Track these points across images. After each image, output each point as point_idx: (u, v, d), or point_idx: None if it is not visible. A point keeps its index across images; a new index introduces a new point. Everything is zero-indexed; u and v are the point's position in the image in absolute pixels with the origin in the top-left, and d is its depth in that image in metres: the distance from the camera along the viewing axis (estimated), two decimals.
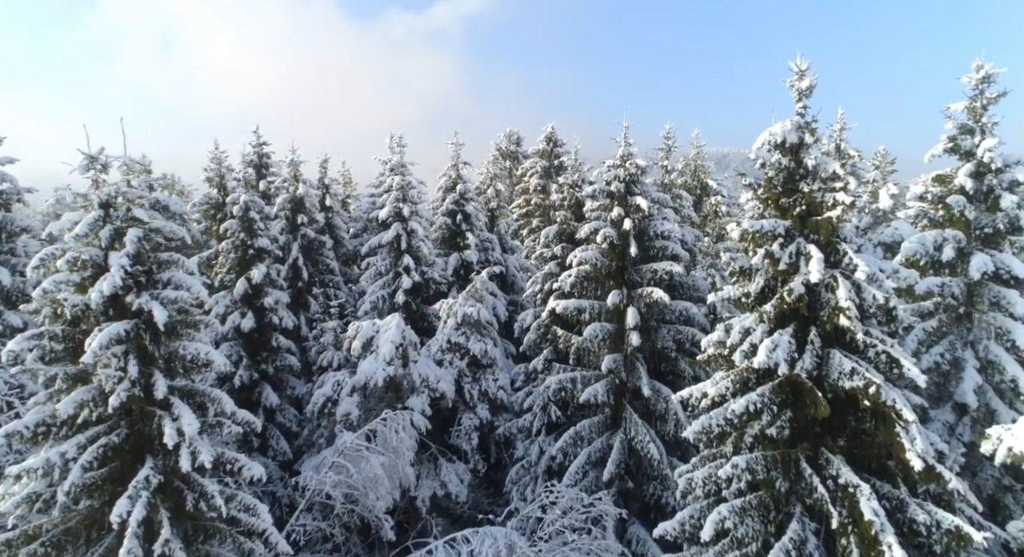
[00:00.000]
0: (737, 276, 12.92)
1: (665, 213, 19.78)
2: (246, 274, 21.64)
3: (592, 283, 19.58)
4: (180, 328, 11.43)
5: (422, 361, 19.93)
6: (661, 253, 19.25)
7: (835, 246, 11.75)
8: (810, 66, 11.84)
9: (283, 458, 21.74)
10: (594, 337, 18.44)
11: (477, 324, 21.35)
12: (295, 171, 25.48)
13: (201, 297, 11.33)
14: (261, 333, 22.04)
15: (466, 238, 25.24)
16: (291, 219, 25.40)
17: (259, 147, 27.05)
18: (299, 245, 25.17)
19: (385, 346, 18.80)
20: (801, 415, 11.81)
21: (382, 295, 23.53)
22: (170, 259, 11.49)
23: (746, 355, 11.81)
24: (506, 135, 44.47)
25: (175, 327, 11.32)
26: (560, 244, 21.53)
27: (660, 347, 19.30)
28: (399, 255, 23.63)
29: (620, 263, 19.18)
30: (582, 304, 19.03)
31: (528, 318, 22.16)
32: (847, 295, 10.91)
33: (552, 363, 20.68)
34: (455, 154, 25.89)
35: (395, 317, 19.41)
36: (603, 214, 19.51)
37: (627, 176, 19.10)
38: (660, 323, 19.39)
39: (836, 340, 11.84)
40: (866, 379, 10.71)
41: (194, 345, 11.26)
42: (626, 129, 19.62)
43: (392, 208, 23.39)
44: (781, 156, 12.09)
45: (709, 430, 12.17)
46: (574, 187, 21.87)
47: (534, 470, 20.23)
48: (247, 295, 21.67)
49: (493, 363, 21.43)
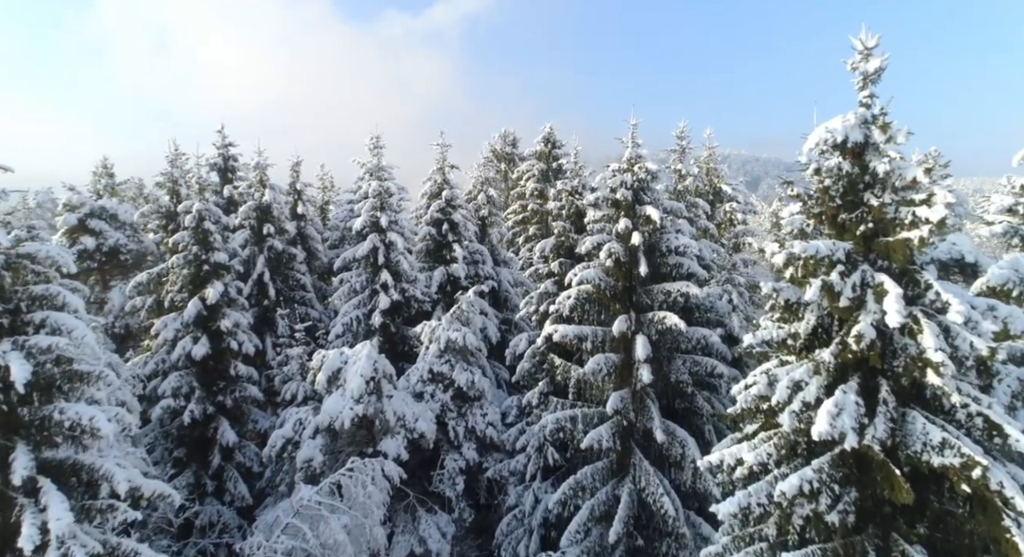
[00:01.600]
0: (781, 312, 10.22)
1: (679, 224, 17.11)
2: (200, 293, 18.95)
3: (595, 306, 16.88)
4: (60, 385, 8.73)
5: (398, 396, 17.23)
6: (675, 271, 16.57)
7: (913, 276, 9.07)
8: (879, 42, 9.17)
9: (241, 503, 19.05)
10: (597, 371, 15.75)
11: (463, 351, 18.64)
12: (261, 175, 22.78)
13: (87, 342, 8.61)
14: (217, 360, 19.35)
15: (453, 250, 22.55)
16: (256, 229, 22.71)
17: (224, 149, 24.38)
18: (265, 258, 22.48)
19: (353, 380, 16.10)
20: (868, 494, 9.13)
21: (357, 316, 20.86)
22: (46, 294, 8.78)
23: (798, 417, 9.11)
24: (501, 136, 41.75)
25: (49, 385, 8.63)
26: (558, 259, 18.85)
27: (674, 380, 16.61)
28: (376, 271, 20.96)
29: (627, 283, 16.51)
30: (583, 331, 16.34)
31: (522, 343, 19.48)
32: (936, 343, 8.22)
33: (549, 397, 17.99)
34: (441, 156, 23.21)
35: (366, 346, 16.71)
36: (607, 226, 16.85)
37: (635, 182, 16.44)
38: (674, 353, 16.71)
39: (914, 397, 9.16)
40: (964, 457, 8.03)
41: (75, 408, 8.57)
42: (633, 127, 16.98)
43: (368, 217, 20.72)
44: (841, 159, 9.41)
45: (747, 510, 9.48)
46: (574, 194, 19.19)
47: (528, 522, 17.53)
48: (201, 317, 18.98)
49: (481, 395, 18.72)
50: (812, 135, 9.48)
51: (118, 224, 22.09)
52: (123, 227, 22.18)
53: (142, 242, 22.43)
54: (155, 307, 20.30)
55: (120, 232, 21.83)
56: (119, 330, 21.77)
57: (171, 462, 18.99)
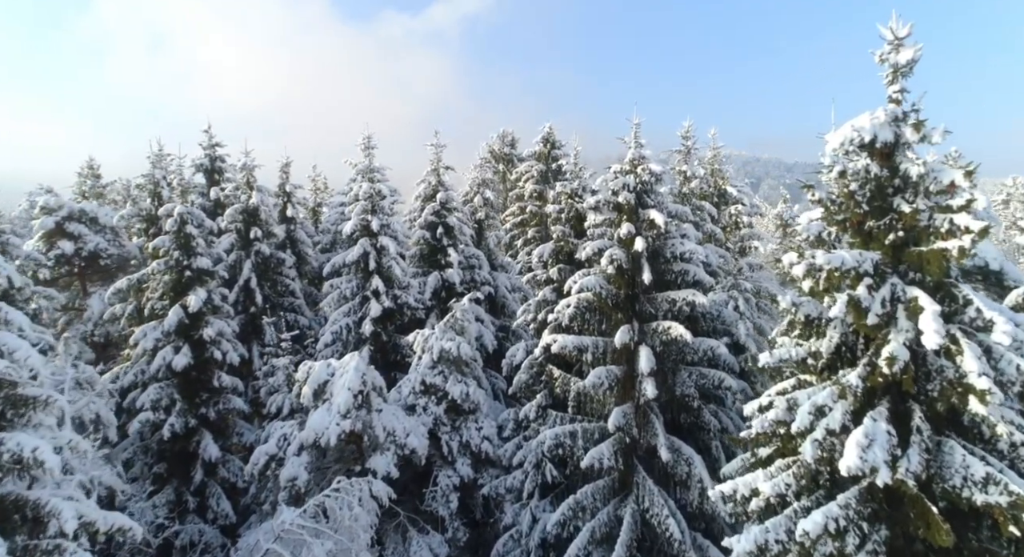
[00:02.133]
0: (800, 328, 9.33)
1: (685, 229, 16.20)
2: (181, 300, 18.05)
3: (595, 315, 16.00)
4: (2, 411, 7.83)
5: (388, 410, 16.34)
6: (681, 279, 15.69)
7: (949, 291, 8.19)
8: (911, 31, 8.28)
9: (225, 521, 18.16)
10: (598, 386, 14.87)
11: (457, 361, 17.75)
12: (248, 177, 21.89)
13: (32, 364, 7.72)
14: (200, 370, 18.45)
15: (448, 255, 21.67)
16: (243, 233, 21.81)
17: (211, 149, 23.49)
18: (252, 263, 21.58)
19: (340, 395, 15.21)
20: (899, 533, 8.25)
21: (347, 324, 19.97)
22: None
23: (821, 446, 8.23)
24: (499, 136, 40.84)
25: None
26: (557, 265, 17.96)
27: (680, 394, 15.70)
28: (367, 276, 20.07)
29: (630, 291, 15.63)
30: (583, 342, 15.46)
31: (519, 353, 18.59)
32: (980, 367, 7.34)
33: (547, 410, 17.12)
34: (436, 157, 22.32)
35: (354, 357, 15.82)
36: (609, 231, 15.98)
37: (638, 184, 15.56)
38: (679, 364, 15.82)
39: (949, 424, 8.28)
40: (1013, 495, 7.14)
41: (17, 437, 7.68)
42: (636, 127, 16.11)
43: (358, 221, 19.84)
44: (869, 161, 8.53)
45: (765, 548, 8.59)
46: (573, 197, 18.30)
47: (526, 542, 16.63)
48: (182, 326, 18.08)
49: (476, 408, 17.82)
50: (836, 134, 8.60)
51: (98, 228, 21.21)
52: (103, 231, 21.30)
53: (124, 246, 21.55)
54: (135, 315, 19.42)
55: (101, 236, 20.96)
56: (98, 338, 20.88)
57: (151, 478, 18.09)
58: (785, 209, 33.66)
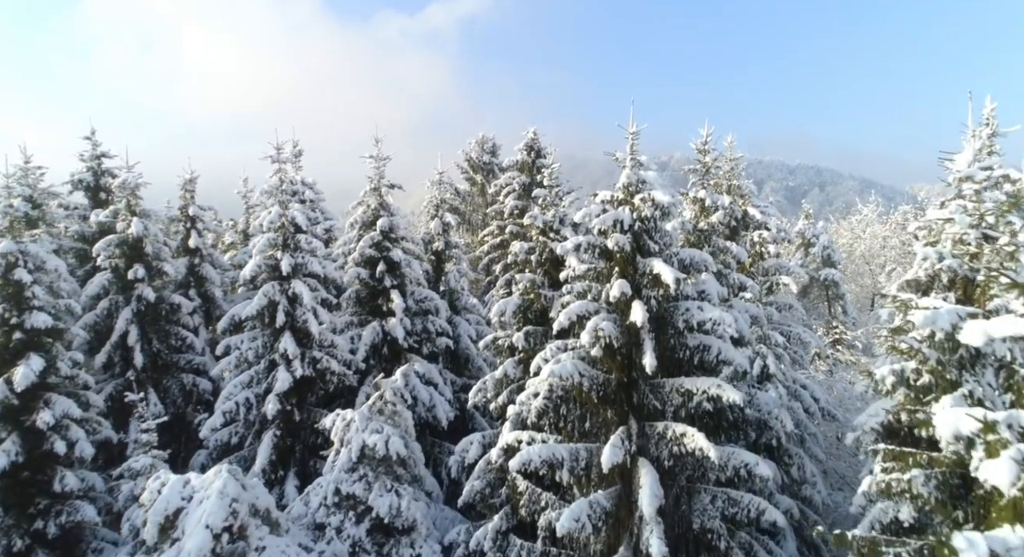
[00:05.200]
0: None
1: (704, 283, 11.23)
2: (6, 375, 13.05)
3: (576, 409, 11.01)
4: None
5: (277, 545, 11.29)
6: (699, 358, 10.74)
7: None
8: None
9: None
10: (579, 528, 9.85)
11: (386, 461, 12.74)
12: (129, 199, 16.80)
13: None
14: (35, 469, 13.44)
15: (391, 299, 16.64)
16: (121, 272, 16.72)
17: (95, 160, 18.50)
18: (133, 311, 16.51)
19: (196, 537, 10.17)
20: None
21: (246, 398, 14.96)
22: None
23: None
24: (478, 142, 35.78)
25: None
26: (524, 328, 12.94)
27: (699, 528, 10.72)
28: (275, 334, 15.05)
29: (625, 375, 10.68)
30: (557, 453, 10.49)
31: (472, 448, 13.56)
32: None
33: (509, 537, 12.11)
34: (376, 173, 17.30)
35: (221, 473, 10.80)
36: (595, 287, 11.05)
37: (636, 221, 10.65)
38: (697, 484, 10.85)
39: None
40: None
41: None
42: (633, 138, 11.26)
43: (262, 260, 14.85)
44: None
45: None
46: (547, 232, 13.28)
47: None
48: (8, 409, 13.08)
49: (412, 527, 12.79)
50: None
51: None
52: None
53: None
54: None
55: None
56: None
57: None
58: (808, 226, 28.64)
